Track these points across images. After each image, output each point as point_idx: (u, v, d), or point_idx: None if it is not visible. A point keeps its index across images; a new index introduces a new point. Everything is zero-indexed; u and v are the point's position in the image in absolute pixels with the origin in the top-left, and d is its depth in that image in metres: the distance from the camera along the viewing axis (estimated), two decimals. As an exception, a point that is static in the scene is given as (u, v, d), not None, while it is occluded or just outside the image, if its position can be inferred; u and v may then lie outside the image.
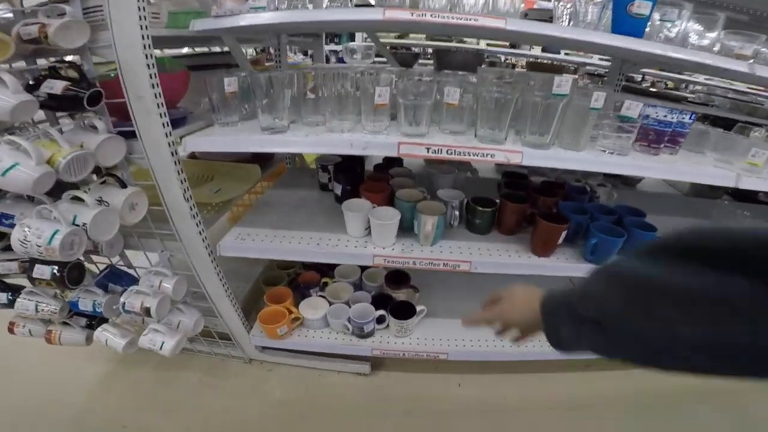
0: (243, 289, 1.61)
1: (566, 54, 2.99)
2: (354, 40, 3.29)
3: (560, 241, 1.17)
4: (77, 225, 0.90)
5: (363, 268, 1.55)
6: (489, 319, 0.67)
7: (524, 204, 1.24)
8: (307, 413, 1.37)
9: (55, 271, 1.01)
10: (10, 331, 1.22)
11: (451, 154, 0.99)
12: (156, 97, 0.91)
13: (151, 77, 0.89)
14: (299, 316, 1.39)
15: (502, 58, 3.53)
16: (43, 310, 1.13)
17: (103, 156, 0.92)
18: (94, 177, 1.02)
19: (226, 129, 1.10)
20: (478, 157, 0.99)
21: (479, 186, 1.51)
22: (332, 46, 3.59)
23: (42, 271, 1.02)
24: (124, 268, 1.27)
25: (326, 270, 1.55)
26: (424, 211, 1.16)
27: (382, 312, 1.37)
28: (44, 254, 0.87)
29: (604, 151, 1.03)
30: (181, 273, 1.19)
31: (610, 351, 0.43)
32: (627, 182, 1.96)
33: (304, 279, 1.50)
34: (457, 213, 1.23)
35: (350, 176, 1.38)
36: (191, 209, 1.08)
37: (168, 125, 0.96)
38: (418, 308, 1.39)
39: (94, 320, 1.24)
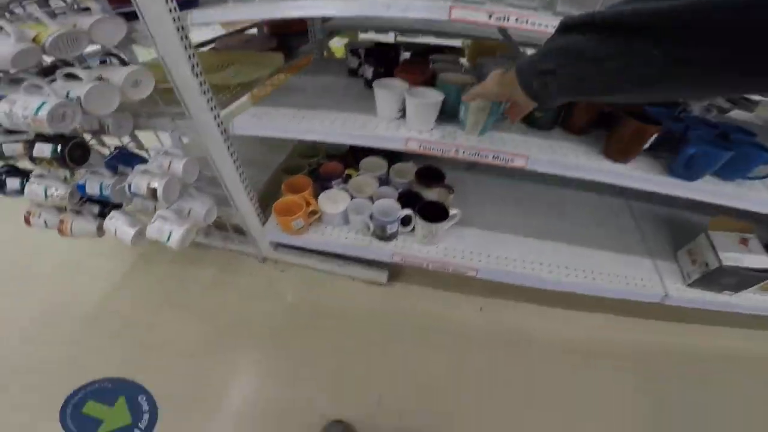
0: (261, 178, 1.46)
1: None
2: None
3: (646, 145, 0.92)
4: (71, 99, 0.83)
5: (390, 163, 1.36)
6: (478, 94, 0.81)
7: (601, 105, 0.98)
8: (317, 319, 1.29)
9: (56, 148, 0.92)
10: (27, 221, 1.17)
11: (523, 23, 0.74)
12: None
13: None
14: (317, 210, 1.24)
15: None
16: (52, 195, 1.06)
17: (98, 35, 0.83)
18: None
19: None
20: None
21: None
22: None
23: (42, 149, 0.94)
24: (136, 150, 1.18)
25: (351, 162, 1.37)
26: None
27: (408, 211, 1.19)
28: (32, 126, 0.82)
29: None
30: (193, 155, 1.06)
31: (561, 90, 0.58)
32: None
33: (326, 170, 1.33)
34: None
35: (384, 59, 1.14)
36: (201, 85, 0.92)
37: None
38: (451, 211, 1.21)
39: (107, 208, 1.16)
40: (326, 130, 0.99)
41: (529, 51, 0.98)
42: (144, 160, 1.12)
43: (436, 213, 1.19)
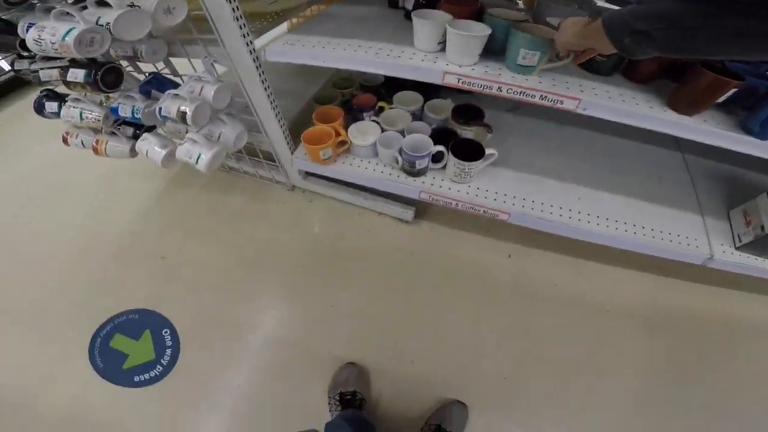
0: (294, 107, 1.41)
1: None
2: None
3: (720, 99, 0.80)
4: (100, 25, 0.82)
5: (426, 99, 1.27)
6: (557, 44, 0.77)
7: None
8: (341, 255, 1.31)
9: (90, 73, 0.92)
10: (65, 141, 1.20)
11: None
12: None
13: None
14: (346, 140, 1.20)
15: None
16: (87, 117, 1.09)
17: None
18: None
19: None
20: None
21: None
22: None
23: (75, 74, 0.94)
24: (170, 77, 1.16)
25: (384, 95, 1.29)
26: (525, 31, 0.81)
27: (440, 148, 1.13)
28: (60, 51, 0.81)
29: None
30: (227, 82, 1.03)
31: (654, 48, 0.58)
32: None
33: (358, 101, 1.27)
34: (565, 61, 0.84)
35: None
36: (234, 11, 0.86)
37: None
38: (488, 151, 1.14)
39: (141, 130, 1.17)
40: (359, 57, 0.92)
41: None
42: (178, 86, 1.10)
43: (470, 151, 1.13)
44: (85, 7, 0.84)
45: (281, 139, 1.22)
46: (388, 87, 1.33)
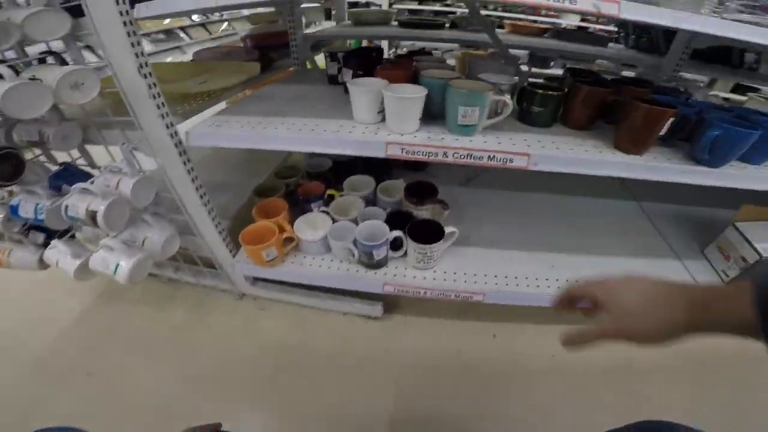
0: (235, 204, 1.31)
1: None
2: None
3: (662, 132, 0.80)
4: None
5: (378, 182, 1.23)
6: (600, 336, 0.46)
7: (605, 88, 0.88)
8: (304, 363, 1.11)
9: None
10: None
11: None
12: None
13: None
14: (293, 236, 1.09)
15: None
16: None
17: (34, 30, 0.73)
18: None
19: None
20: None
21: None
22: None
23: None
24: (87, 169, 1.04)
25: (333, 181, 1.24)
26: (461, 88, 0.81)
27: (398, 233, 1.05)
28: None
29: None
30: (149, 173, 0.93)
31: None
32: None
33: (304, 190, 1.20)
34: (507, 98, 0.86)
35: (365, 62, 1.03)
36: (150, 87, 0.80)
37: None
38: (447, 229, 1.06)
39: (53, 237, 1.01)
40: (293, 136, 0.86)
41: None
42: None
43: (429, 232, 1.05)
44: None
45: (218, 242, 1.10)
46: (337, 172, 1.29)
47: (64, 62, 0.83)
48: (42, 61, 0.81)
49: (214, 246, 1.11)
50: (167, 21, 3.85)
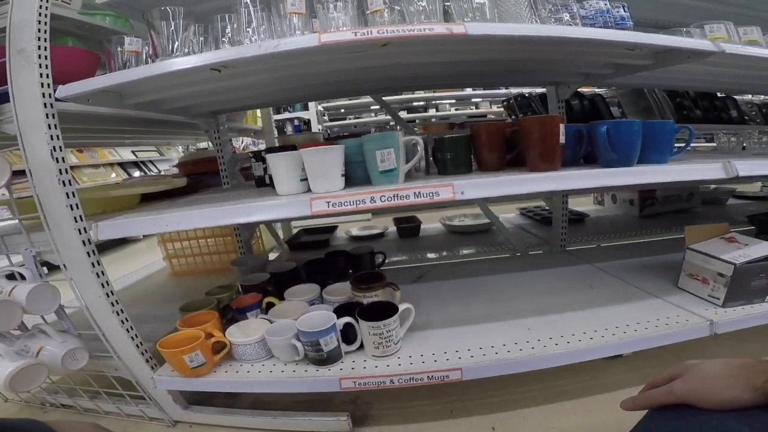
0: (162, 331, 1.05)
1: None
2: (307, 109, 3.40)
3: (561, 139, 0.86)
4: None
5: (323, 286, 1.14)
6: (669, 399, 0.46)
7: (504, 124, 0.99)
8: None
9: None
10: None
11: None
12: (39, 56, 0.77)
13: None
14: (223, 341, 0.93)
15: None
16: None
17: None
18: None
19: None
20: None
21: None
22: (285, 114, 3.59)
23: None
24: None
25: (273, 292, 1.13)
26: (375, 139, 0.87)
27: (347, 319, 0.92)
28: None
29: None
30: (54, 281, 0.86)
31: None
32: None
33: (238, 302, 1.07)
34: (420, 151, 0.92)
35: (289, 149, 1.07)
36: (61, 173, 0.80)
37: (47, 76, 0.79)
38: (402, 306, 0.95)
39: None
40: (211, 213, 0.82)
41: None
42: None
43: (382, 313, 0.92)
44: None
45: (134, 353, 0.91)
46: (276, 283, 1.18)
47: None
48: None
49: (130, 360, 0.91)
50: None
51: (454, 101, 4.29)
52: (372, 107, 4.07)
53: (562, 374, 1.03)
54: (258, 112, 2.20)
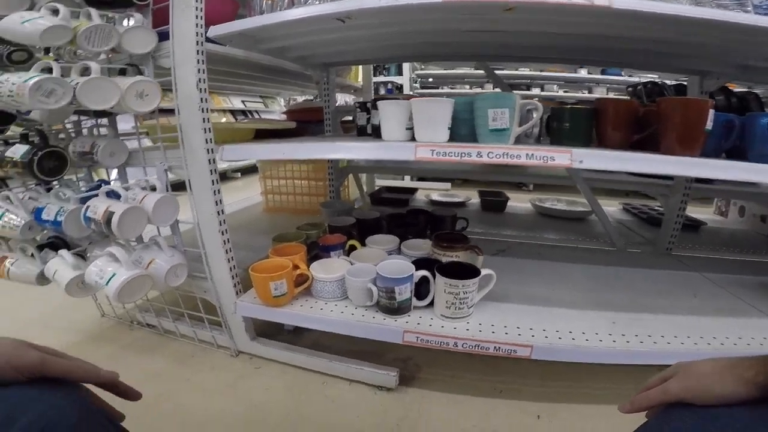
0: (252, 258, 1.16)
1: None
2: (401, 73, 3.40)
3: (708, 125, 0.75)
4: (69, 81, 0.78)
5: (402, 239, 1.16)
6: (666, 398, 0.46)
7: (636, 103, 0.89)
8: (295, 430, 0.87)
9: (30, 151, 0.87)
10: None
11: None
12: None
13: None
14: (306, 274, 1.00)
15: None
16: (6, 221, 0.91)
17: (129, 41, 0.86)
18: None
19: None
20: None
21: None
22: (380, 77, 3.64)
23: (15, 151, 0.88)
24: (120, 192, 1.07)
25: (356, 237, 1.18)
26: (488, 98, 0.83)
27: (425, 273, 0.93)
28: (14, 94, 0.73)
29: None
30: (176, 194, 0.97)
31: None
32: None
33: (325, 240, 1.14)
34: (535, 118, 0.86)
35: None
36: (201, 101, 0.90)
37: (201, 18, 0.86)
38: (484, 271, 0.93)
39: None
40: (325, 147, 0.90)
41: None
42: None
43: (461, 274, 0.92)
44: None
45: (226, 276, 1.01)
46: (361, 229, 1.23)
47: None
48: (122, 71, 0.92)
49: (221, 282, 1.02)
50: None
51: (563, 83, 3.92)
52: (466, 79, 3.92)
53: (630, 378, 0.97)
54: (360, 71, 2.27)
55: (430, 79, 4.00)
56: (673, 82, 1.67)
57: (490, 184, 2.75)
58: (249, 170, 3.99)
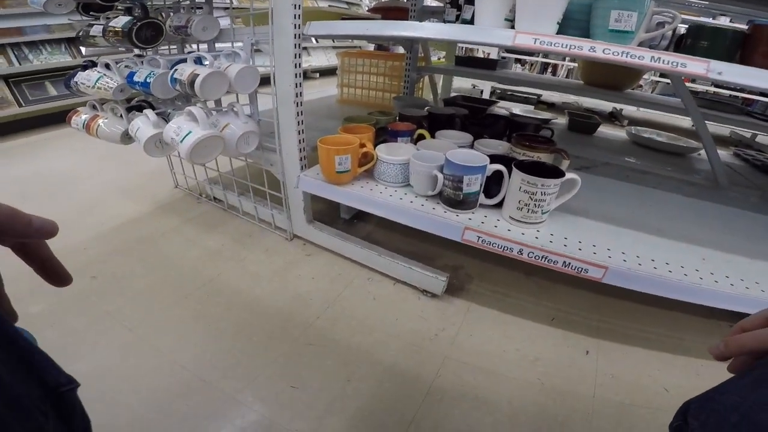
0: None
1: None
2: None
3: None
4: None
5: (476, 137, 1.08)
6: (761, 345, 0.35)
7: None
8: (335, 323, 0.90)
9: (131, 21, 0.92)
10: (68, 120, 1.10)
11: None
12: None
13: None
14: (372, 153, 0.97)
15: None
16: (102, 84, 0.98)
17: None
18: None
19: None
20: None
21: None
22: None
23: (118, 21, 0.94)
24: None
25: (427, 129, 1.11)
26: None
27: (500, 167, 0.86)
28: None
29: None
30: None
31: None
32: None
33: (394, 126, 1.08)
34: (667, 28, 0.71)
35: None
36: None
37: None
38: (568, 174, 0.85)
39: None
40: (409, 25, 0.82)
41: None
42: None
43: (543, 174, 0.83)
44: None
45: (294, 148, 1.02)
46: (432, 123, 1.16)
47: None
48: None
49: (288, 155, 1.04)
50: None
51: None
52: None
53: (696, 330, 0.91)
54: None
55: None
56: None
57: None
58: (327, 72, 3.90)
